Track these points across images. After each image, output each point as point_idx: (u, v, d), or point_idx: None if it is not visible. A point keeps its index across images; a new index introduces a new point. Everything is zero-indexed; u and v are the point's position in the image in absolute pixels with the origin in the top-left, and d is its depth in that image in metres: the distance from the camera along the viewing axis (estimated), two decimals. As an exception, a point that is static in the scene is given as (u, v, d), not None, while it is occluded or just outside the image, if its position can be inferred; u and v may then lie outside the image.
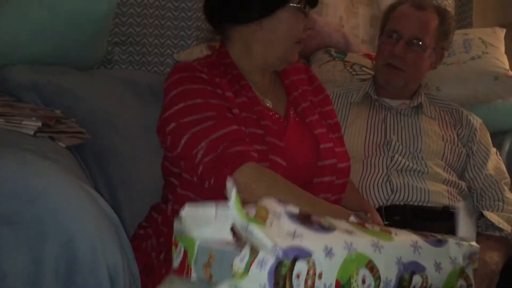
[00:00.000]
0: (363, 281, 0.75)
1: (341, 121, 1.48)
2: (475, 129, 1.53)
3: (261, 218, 0.76)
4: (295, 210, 0.79)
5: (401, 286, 0.78)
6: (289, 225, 0.75)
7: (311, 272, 0.72)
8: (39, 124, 1.07)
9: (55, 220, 0.80)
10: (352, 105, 1.57)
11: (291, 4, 1.09)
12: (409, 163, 1.42)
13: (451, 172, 1.46)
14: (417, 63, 1.50)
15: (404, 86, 1.53)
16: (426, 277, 0.80)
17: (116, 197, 1.27)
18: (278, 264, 0.71)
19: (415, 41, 1.48)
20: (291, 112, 1.16)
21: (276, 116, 1.13)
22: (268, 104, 1.15)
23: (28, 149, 0.97)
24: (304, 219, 0.78)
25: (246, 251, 0.73)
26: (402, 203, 1.38)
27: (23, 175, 0.85)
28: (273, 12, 1.08)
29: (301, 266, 0.72)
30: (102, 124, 1.35)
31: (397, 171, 1.42)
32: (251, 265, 0.72)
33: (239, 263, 0.73)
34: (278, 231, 0.74)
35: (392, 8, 1.58)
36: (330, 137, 1.14)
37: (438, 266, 0.82)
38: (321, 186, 1.05)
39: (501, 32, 1.98)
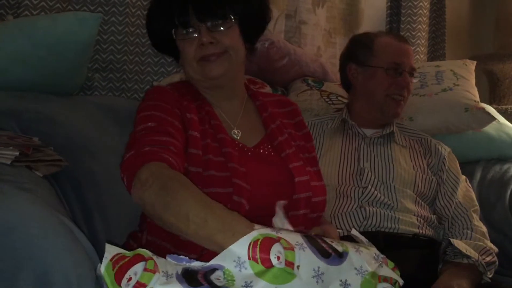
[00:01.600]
0: None
1: (316, 150, 1.49)
2: (444, 157, 1.56)
3: (289, 264, 0.78)
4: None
5: None
6: None
7: None
8: (17, 153, 1.07)
9: (30, 252, 0.80)
10: (326, 133, 1.60)
11: (175, 34, 1.13)
12: (380, 196, 1.45)
13: (422, 204, 1.49)
14: (411, 90, 1.60)
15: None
16: None
17: (92, 225, 1.27)
18: None
19: (413, 72, 1.58)
20: (265, 145, 1.16)
21: (240, 145, 1.13)
22: (235, 135, 1.16)
23: (4, 179, 0.96)
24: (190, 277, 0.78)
25: None
26: (374, 229, 1.40)
27: (-1, 206, 0.85)
28: (173, 45, 1.15)
29: None
30: (80, 150, 1.35)
31: (368, 203, 1.45)
32: None
33: None
34: None
35: (370, 40, 1.61)
36: (307, 171, 1.15)
37: (345, 284, 0.83)
38: (297, 220, 1.06)
39: (472, 65, 2.04)
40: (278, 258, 0.79)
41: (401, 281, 0.90)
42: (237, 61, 1.16)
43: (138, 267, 0.78)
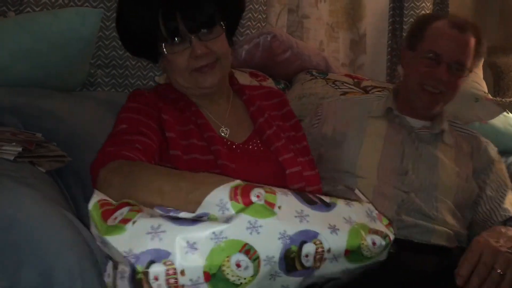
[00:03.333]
0: (238, 265, 0.75)
1: (356, 132, 1.43)
2: (492, 160, 1.45)
3: (269, 204, 0.79)
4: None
5: (289, 258, 0.78)
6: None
7: (170, 272, 0.73)
8: (19, 149, 1.07)
9: (33, 247, 0.80)
10: (369, 117, 1.46)
11: (159, 45, 1.09)
12: (421, 206, 1.34)
13: (459, 216, 1.40)
14: (455, 86, 1.41)
15: (439, 109, 1.44)
16: (321, 242, 0.80)
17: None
18: (133, 271, 0.72)
19: (457, 66, 1.38)
20: (254, 141, 1.16)
21: (229, 143, 1.13)
22: (223, 133, 1.15)
23: (7, 175, 0.96)
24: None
25: (109, 267, 0.75)
26: (402, 237, 1.29)
27: (2, 202, 0.85)
28: (156, 53, 1.12)
29: (157, 269, 0.73)
30: (83, 146, 1.34)
31: (406, 211, 1.34)
32: (115, 279, 0.74)
33: (107, 280, 0.76)
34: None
35: (425, 23, 1.44)
36: (299, 161, 1.14)
37: (333, 228, 0.82)
38: None
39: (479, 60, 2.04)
40: (258, 196, 0.79)
41: (392, 236, 0.89)
42: (227, 67, 1.16)
43: (125, 209, 0.79)
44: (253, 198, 0.79)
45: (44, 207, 0.88)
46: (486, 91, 1.88)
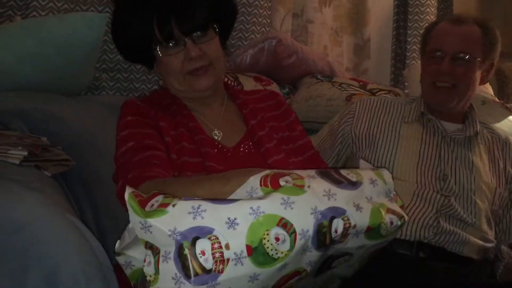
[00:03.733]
0: (277, 239, 0.78)
1: (392, 134, 1.44)
2: None
3: (298, 186, 0.83)
4: None
5: (321, 232, 0.81)
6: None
7: (216, 246, 0.75)
8: (25, 153, 1.08)
9: (39, 252, 0.81)
10: (403, 119, 1.47)
11: (153, 48, 1.10)
12: (460, 211, 1.34)
13: (492, 225, 1.40)
14: (466, 76, 1.40)
15: (456, 105, 1.43)
16: (348, 219, 0.84)
17: (101, 224, 1.27)
18: (180, 248, 0.75)
19: (461, 55, 1.39)
20: (246, 143, 1.17)
21: (220, 146, 1.14)
22: (216, 136, 1.16)
23: (13, 179, 0.97)
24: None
25: (148, 255, 0.76)
26: (436, 244, 1.31)
27: (8, 206, 0.85)
28: (150, 57, 1.13)
29: (203, 243, 0.75)
30: (88, 150, 1.35)
31: (446, 215, 1.34)
32: (158, 264, 0.75)
33: (147, 269, 0.76)
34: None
35: (430, 29, 1.49)
36: (290, 162, 1.15)
37: (358, 207, 0.86)
38: None
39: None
40: (287, 182, 0.84)
41: (406, 217, 0.94)
42: (221, 71, 1.17)
43: (159, 197, 0.81)
44: (282, 183, 0.83)
45: (49, 211, 0.89)
46: (493, 94, 1.88)
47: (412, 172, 1.37)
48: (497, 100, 1.84)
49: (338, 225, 0.83)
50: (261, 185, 0.83)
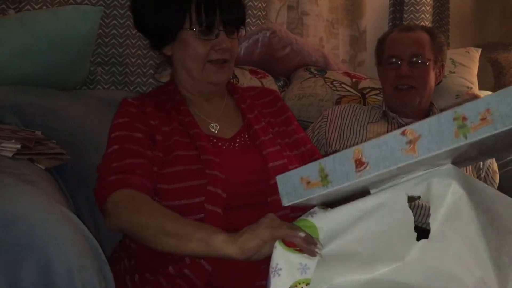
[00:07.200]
0: None
1: (360, 134, 1.59)
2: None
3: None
4: None
5: None
6: None
7: None
8: (18, 146, 1.08)
9: (32, 244, 0.81)
10: (370, 121, 1.63)
11: (184, 29, 1.12)
12: None
13: None
14: (424, 77, 1.57)
15: (418, 104, 1.58)
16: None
17: (96, 217, 1.27)
18: None
19: (415, 58, 1.56)
20: (242, 135, 1.18)
21: (215, 140, 1.15)
22: (213, 129, 1.17)
23: (6, 172, 0.97)
24: None
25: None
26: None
27: (1, 199, 0.85)
28: (173, 38, 1.14)
29: None
30: (83, 144, 1.35)
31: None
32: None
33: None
34: None
35: (383, 40, 1.66)
36: (285, 155, 1.15)
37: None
38: (277, 204, 1.06)
39: (476, 52, 2.02)
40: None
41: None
42: (232, 69, 1.21)
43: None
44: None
45: (44, 204, 0.89)
46: (473, 86, 1.88)
47: None
48: (471, 92, 1.85)
49: None
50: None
